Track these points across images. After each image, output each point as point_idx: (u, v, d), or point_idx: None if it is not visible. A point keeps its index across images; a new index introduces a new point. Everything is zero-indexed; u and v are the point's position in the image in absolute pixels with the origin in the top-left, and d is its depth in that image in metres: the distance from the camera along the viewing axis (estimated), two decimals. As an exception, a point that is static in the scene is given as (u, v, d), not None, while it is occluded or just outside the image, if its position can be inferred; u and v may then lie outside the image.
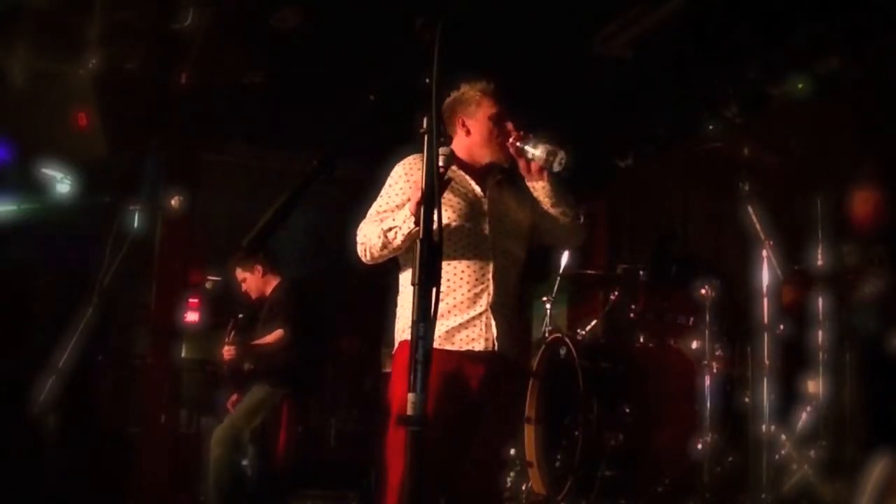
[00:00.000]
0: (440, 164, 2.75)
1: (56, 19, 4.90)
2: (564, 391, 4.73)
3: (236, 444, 5.13)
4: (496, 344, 2.95)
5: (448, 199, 2.95)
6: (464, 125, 3.12)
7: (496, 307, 2.97)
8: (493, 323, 2.96)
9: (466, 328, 2.94)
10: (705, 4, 4.93)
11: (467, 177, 3.08)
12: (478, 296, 2.96)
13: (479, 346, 2.94)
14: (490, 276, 2.98)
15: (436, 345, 2.34)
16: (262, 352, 5.25)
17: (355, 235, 3.03)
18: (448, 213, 2.90)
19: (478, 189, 3.07)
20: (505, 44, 5.18)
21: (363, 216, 3.05)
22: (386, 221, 2.92)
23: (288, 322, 5.22)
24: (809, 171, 5.17)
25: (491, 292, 2.97)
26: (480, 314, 2.95)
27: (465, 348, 2.92)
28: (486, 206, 3.05)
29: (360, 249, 3.00)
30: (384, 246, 2.92)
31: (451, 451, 2.88)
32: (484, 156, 3.11)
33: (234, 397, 5.44)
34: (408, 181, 3.01)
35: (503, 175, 3.16)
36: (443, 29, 2.15)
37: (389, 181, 3.07)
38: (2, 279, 5.60)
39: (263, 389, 5.23)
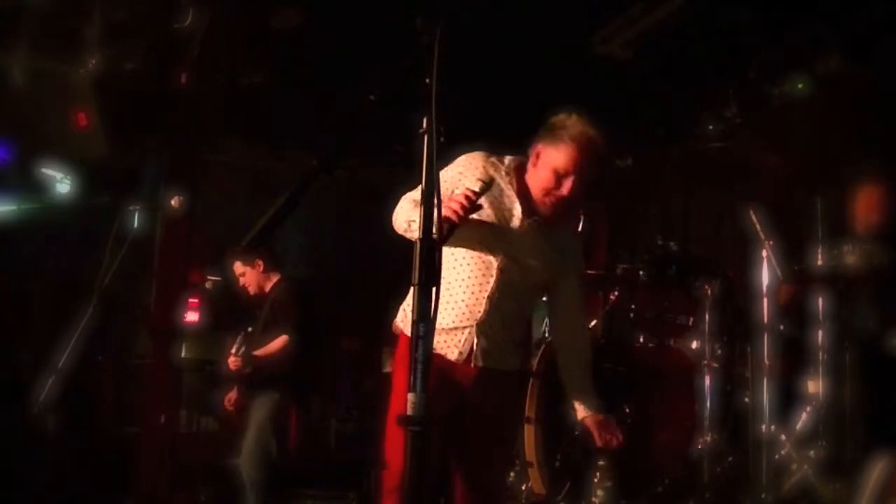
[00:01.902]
0: (476, 189, 2.72)
1: (56, 19, 4.89)
2: (564, 391, 4.71)
3: (268, 457, 5.13)
4: (473, 361, 2.92)
5: (486, 202, 2.83)
6: (538, 155, 2.93)
7: (483, 326, 2.92)
8: (476, 341, 2.92)
9: (448, 334, 2.92)
10: (705, 4, 4.93)
11: (515, 196, 2.94)
12: (469, 309, 2.92)
13: (452, 355, 2.92)
14: (487, 296, 2.92)
15: None
16: (267, 362, 5.23)
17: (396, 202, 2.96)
18: (476, 215, 2.79)
19: (518, 211, 2.93)
20: (505, 43, 5.19)
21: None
22: (415, 211, 2.88)
23: (293, 328, 5.18)
24: (809, 171, 5.17)
25: (482, 311, 2.91)
26: (464, 328, 2.92)
27: (437, 351, 2.85)
28: (514, 231, 2.92)
29: (393, 217, 2.95)
30: (405, 231, 2.88)
31: (446, 449, 2.88)
32: (533, 192, 2.94)
33: (232, 395, 5.44)
34: (461, 174, 2.90)
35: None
36: (443, 29, 2.15)
37: (449, 167, 2.93)
38: (2, 279, 5.60)
39: (270, 398, 5.22)
